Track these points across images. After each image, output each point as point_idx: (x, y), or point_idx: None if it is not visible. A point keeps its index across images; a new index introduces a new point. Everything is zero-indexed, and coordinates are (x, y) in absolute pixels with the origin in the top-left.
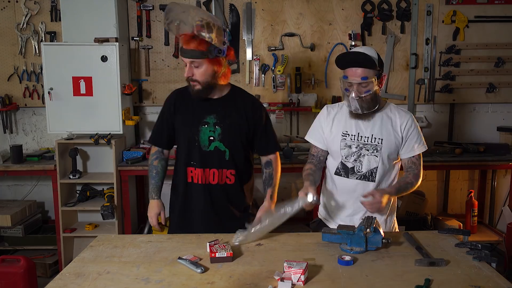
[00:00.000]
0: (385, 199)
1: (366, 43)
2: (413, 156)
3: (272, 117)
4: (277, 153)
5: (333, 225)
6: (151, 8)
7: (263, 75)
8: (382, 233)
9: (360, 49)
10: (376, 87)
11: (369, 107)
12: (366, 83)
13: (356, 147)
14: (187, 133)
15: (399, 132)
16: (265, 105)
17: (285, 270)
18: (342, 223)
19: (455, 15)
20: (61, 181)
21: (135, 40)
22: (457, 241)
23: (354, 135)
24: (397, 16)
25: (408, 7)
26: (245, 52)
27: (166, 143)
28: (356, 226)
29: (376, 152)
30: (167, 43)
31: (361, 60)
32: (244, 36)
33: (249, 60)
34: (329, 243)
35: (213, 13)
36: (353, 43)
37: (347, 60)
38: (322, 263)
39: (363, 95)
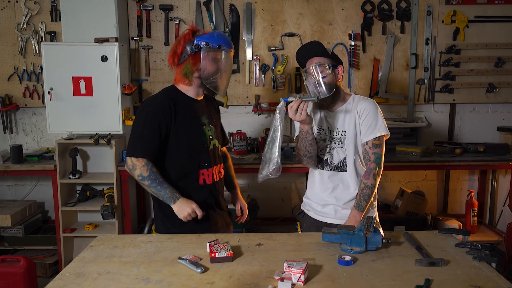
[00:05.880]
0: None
1: (366, 43)
2: (366, 143)
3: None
4: None
5: (312, 214)
6: (151, 8)
7: (263, 75)
8: (382, 233)
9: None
10: (331, 74)
11: (326, 92)
12: (321, 68)
13: (328, 141)
14: (194, 135)
15: (357, 120)
16: (265, 105)
17: (285, 270)
18: (317, 214)
19: (455, 15)
20: (61, 181)
21: (135, 40)
22: (457, 241)
23: (325, 129)
24: (397, 16)
25: (408, 7)
26: (245, 52)
27: (157, 155)
28: (330, 216)
29: (341, 144)
30: (167, 43)
31: (313, 48)
32: (244, 36)
33: (249, 60)
34: (329, 243)
35: (213, 13)
36: (353, 43)
37: (302, 53)
38: (322, 263)
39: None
